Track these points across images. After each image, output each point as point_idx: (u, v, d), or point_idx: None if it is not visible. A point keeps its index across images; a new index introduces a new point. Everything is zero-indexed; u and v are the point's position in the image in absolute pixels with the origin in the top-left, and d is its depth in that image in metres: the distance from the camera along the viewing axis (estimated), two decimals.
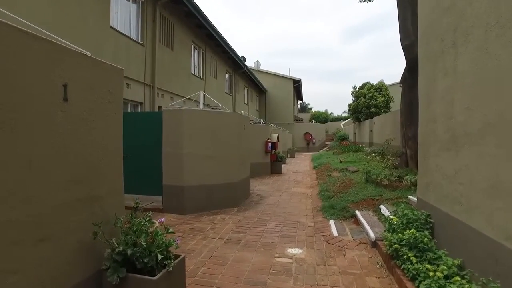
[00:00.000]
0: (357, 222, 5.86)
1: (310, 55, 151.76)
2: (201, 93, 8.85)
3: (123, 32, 9.37)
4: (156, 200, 7.16)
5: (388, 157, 7.41)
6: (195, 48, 15.88)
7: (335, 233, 5.43)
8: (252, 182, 11.47)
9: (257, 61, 33.99)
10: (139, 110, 10.50)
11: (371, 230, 4.99)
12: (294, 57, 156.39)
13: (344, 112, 70.26)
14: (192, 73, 15.21)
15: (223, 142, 7.17)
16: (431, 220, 4.02)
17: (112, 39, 8.74)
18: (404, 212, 3.99)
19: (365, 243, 4.87)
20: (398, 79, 25.90)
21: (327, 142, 35.70)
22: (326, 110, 49.80)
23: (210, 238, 5.29)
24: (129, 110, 9.95)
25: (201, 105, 8.64)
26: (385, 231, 4.27)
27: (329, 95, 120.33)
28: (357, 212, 6.05)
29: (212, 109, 9.51)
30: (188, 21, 13.63)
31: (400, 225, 3.80)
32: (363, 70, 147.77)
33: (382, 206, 5.89)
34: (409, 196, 5.97)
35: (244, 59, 24.15)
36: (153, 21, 11.02)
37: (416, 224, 3.81)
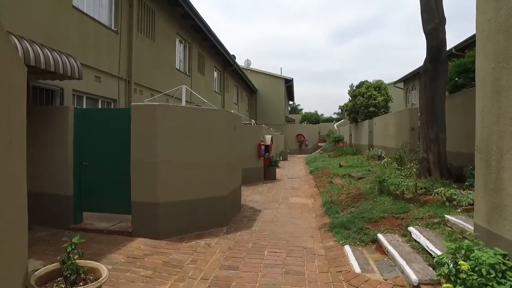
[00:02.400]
0: (381, 249, 4.54)
1: (298, 57, 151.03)
2: (184, 87, 7.44)
3: (91, 15, 7.89)
4: (126, 219, 5.69)
5: (412, 164, 6.13)
6: (180, 42, 14.43)
7: (356, 267, 4.10)
8: (243, 190, 10.08)
9: (247, 59, 32.62)
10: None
11: (409, 266, 3.67)
12: (282, 59, 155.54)
13: (335, 113, 69.61)
14: (177, 69, 13.76)
15: (209, 146, 5.78)
16: (509, 263, 2.72)
17: (75, 22, 7.25)
18: (476, 256, 2.67)
19: (402, 287, 3.55)
20: (388, 81, 24.89)
21: (320, 144, 34.57)
22: (316, 111, 48.54)
23: (189, 278, 3.88)
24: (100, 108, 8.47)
25: (184, 102, 7.24)
26: (444, 279, 2.94)
27: (319, 97, 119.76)
28: (379, 236, 4.73)
29: (196, 106, 8.10)
30: (171, 9, 12.18)
31: (477, 280, 2.47)
32: (351, 72, 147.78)
33: (412, 229, 4.59)
34: (446, 216, 4.68)
35: (234, 57, 22.77)
36: (130, 6, 9.55)
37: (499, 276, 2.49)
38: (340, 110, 68.37)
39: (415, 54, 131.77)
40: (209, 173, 5.78)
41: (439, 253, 3.58)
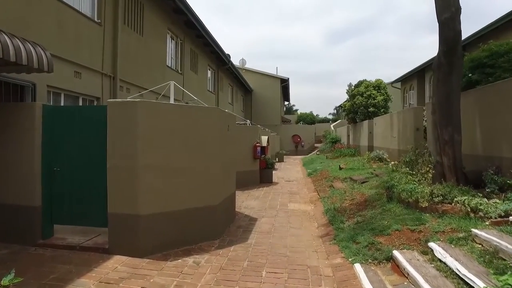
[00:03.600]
0: (398, 270, 3.88)
1: (292, 58, 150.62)
2: (172, 83, 6.75)
3: (70, 4, 7.15)
4: (104, 232, 4.95)
5: (427, 168, 5.46)
6: (172, 38, 13.72)
7: None
8: (238, 195, 9.42)
9: (242, 59, 31.93)
10: None
11: None
12: (277, 60, 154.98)
13: (330, 114, 69.19)
14: (168, 66, 13.05)
15: (200, 148, 5.09)
16: None
17: (52, 11, 6.52)
18: None
19: None
20: (385, 81, 24.33)
21: (316, 145, 34.00)
22: (311, 112, 47.98)
23: None
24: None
25: (172, 99, 6.55)
26: None
27: (314, 98, 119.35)
28: (396, 253, 4.07)
29: (185, 104, 7.35)
30: (162, 3, 11.46)
31: None
32: (345, 73, 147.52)
33: (434, 246, 3.95)
34: (473, 230, 4.04)
35: (229, 56, 22.05)
36: None
37: None
38: (335, 111, 68.01)
39: (409, 56, 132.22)
40: (200, 179, 5.10)
41: (477, 281, 2.93)
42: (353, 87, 18.28)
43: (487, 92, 6.28)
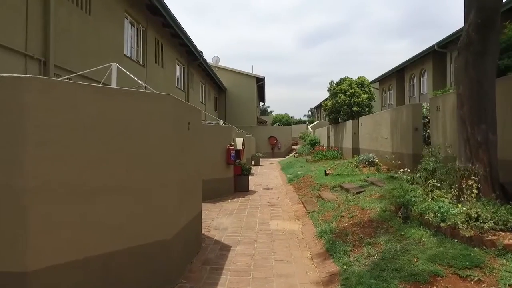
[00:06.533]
0: None
1: (267, 60, 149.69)
2: (114, 65, 4.99)
3: None
4: None
5: (471, 182, 3.92)
6: (132, 24, 11.75)
7: None
8: (208, 209, 7.67)
9: (215, 56, 30.04)
10: None
11: None
12: (251, 62, 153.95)
13: (305, 115, 68.55)
14: (126, 55, 11.06)
15: (141, 156, 3.33)
16: None
17: None
18: None
19: None
20: None
21: (293, 147, 32.73)
22: (286, 114, 46.80)
23: None
24: None
25: (114, 84, 4.74)
26: None
27: (287, 100, 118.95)
28: None
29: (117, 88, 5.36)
30: None
31: None
32: (319, 76, 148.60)
33: None
34: None
35: (201, 53, 20.15)
36: None
37: None
38: (310, 113, 67.43)
39: (379, 60, 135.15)
40: (141, 202, 3.33)
41: None
42: (334, 84, 16.95)
43: None
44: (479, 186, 4.13)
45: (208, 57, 23.91)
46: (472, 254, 3.34)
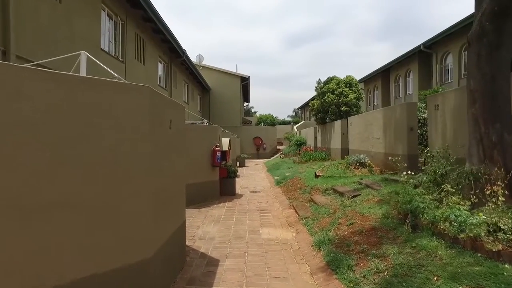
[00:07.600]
0: None
1: (251, 61, 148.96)
2: (83, 53, 4.33)
3: None
4: None
5: (496, 187, 3.50)
6: (109, 16, 10.93)
7: None
8: (192, 216, 7.03)
9: (199, 54, 29.27)
10: None
11: None
12: (235, 63, 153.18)
13: (289, 116, 68.40)
14: (103, 50, 10.25)
15: (105, 160, 2.71)
16: None
17: None
18: None
19: None
20: None
21: (278, 147, 32.30)
22: (270, 114, 46.43)
23: None
24: None
25: (84, 72, 4.07)
26: None
27: (271, 100, 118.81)
28: None
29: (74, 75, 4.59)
30: None
31: None
32: (302, 77, 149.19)
33: None
34: None
35: (185, 50, 19.37)
36: None
37: None
38: (294, 113, 67.36)
39: (361, 62, 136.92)
40: (107, 219, 2.70)
41: None
42: (322, 83, 16.56)
43: None
44: (506, 192, 3.69)
45: (192, 57, 23.12)
46: (505, 273, 2.87)
